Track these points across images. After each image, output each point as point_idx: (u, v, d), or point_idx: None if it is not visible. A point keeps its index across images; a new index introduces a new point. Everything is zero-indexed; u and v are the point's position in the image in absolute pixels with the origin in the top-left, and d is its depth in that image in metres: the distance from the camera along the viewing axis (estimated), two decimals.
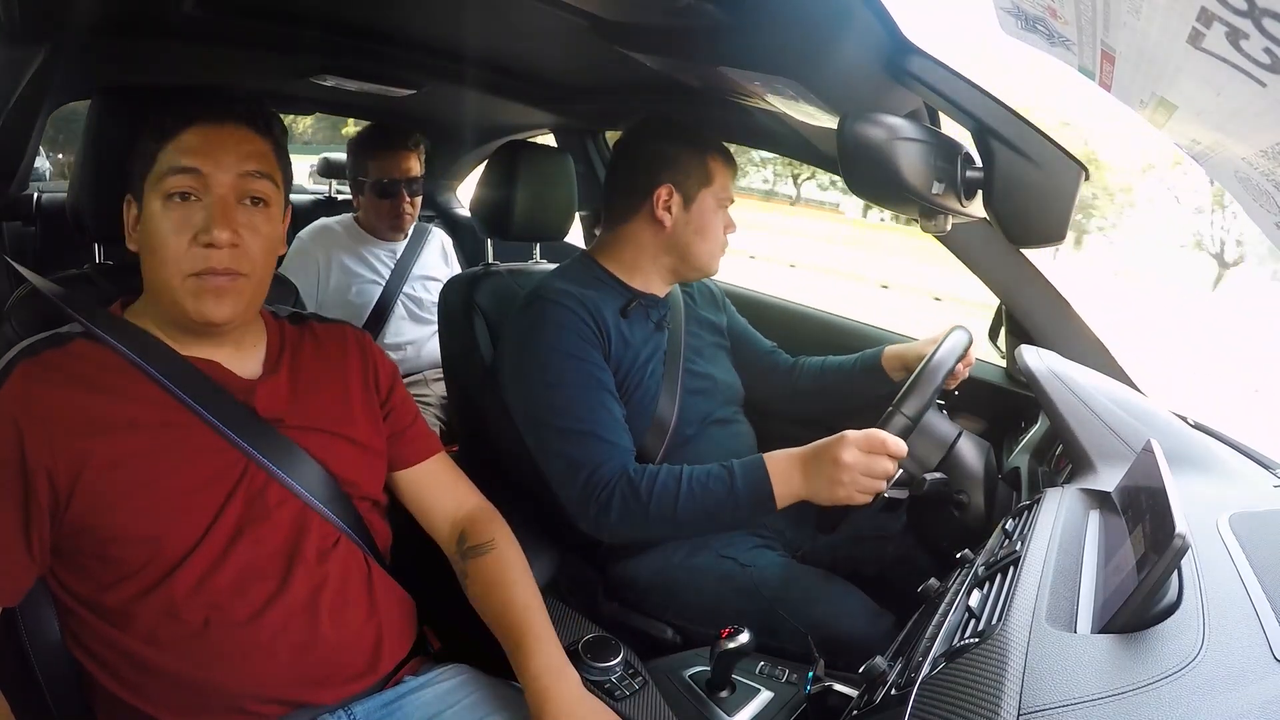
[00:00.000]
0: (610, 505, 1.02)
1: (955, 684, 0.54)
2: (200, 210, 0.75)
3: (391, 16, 1.27)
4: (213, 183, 0.75)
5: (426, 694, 0.82)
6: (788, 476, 1.00)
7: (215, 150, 0.75)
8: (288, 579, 0.77)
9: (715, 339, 1.35)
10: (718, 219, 1.19)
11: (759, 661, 0.96)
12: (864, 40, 0.89)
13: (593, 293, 1.14)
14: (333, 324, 0.95)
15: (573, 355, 1.09)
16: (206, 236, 0.74)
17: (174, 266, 0.75)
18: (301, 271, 1.82)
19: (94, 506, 0.71)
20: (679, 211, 1.17)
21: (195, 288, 0.75)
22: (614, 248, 1.23)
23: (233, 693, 0.74)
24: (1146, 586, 0.53)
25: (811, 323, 1.84)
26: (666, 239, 1.19)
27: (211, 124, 0.76)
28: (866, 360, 1.34)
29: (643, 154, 1.20)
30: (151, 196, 0.75)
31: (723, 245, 1.22)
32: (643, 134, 1.22)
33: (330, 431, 0.85)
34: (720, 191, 1.19)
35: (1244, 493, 0.88)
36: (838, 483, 0.96)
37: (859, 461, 0.95)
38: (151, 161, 0.76)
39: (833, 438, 0.97)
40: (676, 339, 1.25)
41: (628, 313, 1.17)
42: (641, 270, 1.22)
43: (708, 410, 1.24)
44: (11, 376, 0.73)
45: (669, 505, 1.01)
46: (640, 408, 1.14)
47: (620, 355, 1.15)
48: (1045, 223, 0.90)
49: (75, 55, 1.22)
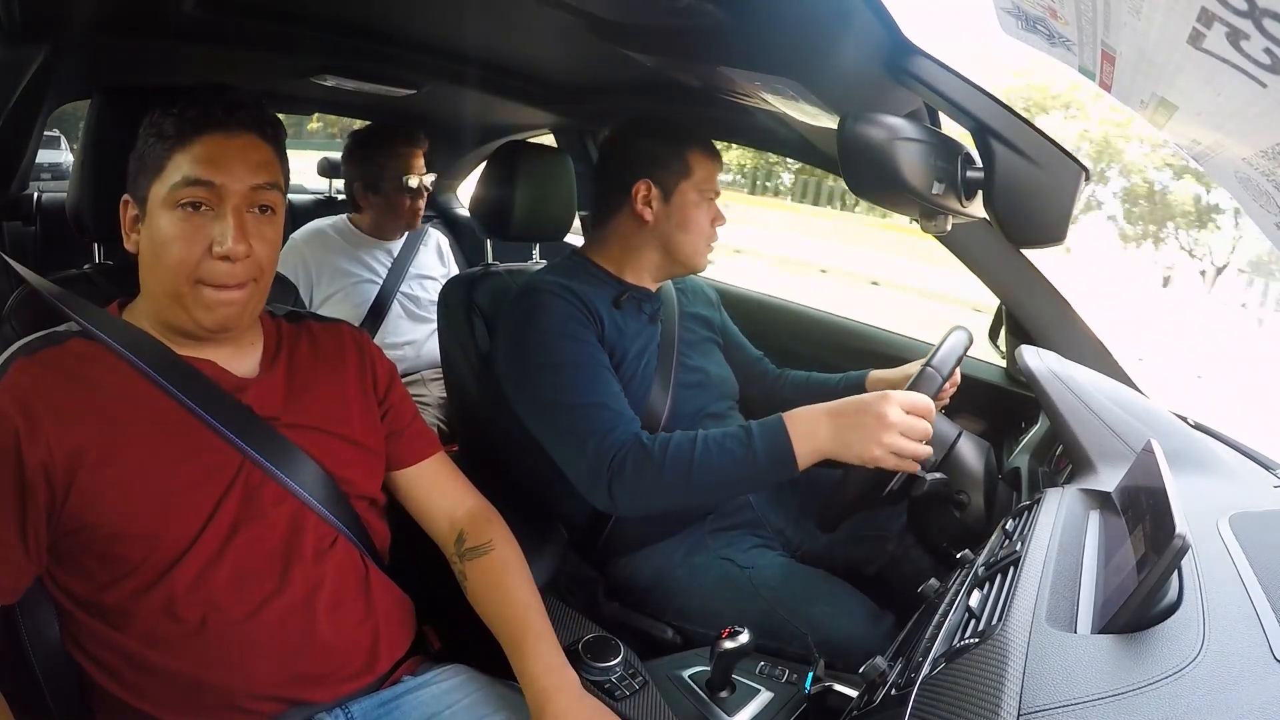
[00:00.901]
0: (623, 471, 0.98)
1: (955, 684, 0.55)
2: (212, 221, 0.75)
3: (391, 16, 1.27)
4: (226, 194, 0.75)
5: (424, 694, 0.82)
6: (811, 432, 0.95)
7: (228, 161, 0.75)
8: (284, 578, 0.77)
9: (708, 334, 1.35)
10: (700, 212, 1.19)
11: (759, 661, 0.96)
12: (864, 40, 0.89)
13: (585, 286, 1.15)
14: (330, 323, 0.95)
15: (568, 336, 1.09)
16: (222, 249, 0.74)
17: (183, 274, 0.75)
18: (294, 274, 1.82)
19: (90, 503, 0.72)
20: (659, 205, 1.18)
21: (205, 298, 0.76)
22: (603, 244, 1.24)
23: (230, 691, 0.74)
24: (1146, 586, 0.53)
25: (807, 322, 1.85)
26: (649, 233, 1.20)
27: (222, 133, 0.76)
28: (851, 381, 1.34)
29: (623, 151, 1.22)
30: (160, 204, 0.75)
31: (708, 238, 1.22)
32: (623, 133, 1.23)
33: (327, 430, 0.85)
34: (702, 184, 1.19)
35: (1244, 493, 0.88)
36: (875, 441, 0.91)
37: (902, 421, 0.91)
38: (159, 168, 0.75)
39: (874, 394, 0.94)
40: (670, 332, 1.25)
41: (620, 304, 1.18)
42: (631, 265, 1.23)
43: (702, 404, 1.24)
44: (8, 374, 0.73)
45: (683, 468, 0.97)
46: (633, 400, 1.14)
47: (614, 342, 1.15)
48: (1045, 223, 0.90)
49: (75, 55, 1.22)
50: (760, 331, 1.48)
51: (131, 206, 0.79)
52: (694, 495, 1.03)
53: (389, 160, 1.86)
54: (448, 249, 2.14)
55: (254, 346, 0.86)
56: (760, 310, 1.89)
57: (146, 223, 0.77)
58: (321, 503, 0.82)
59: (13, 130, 1.33)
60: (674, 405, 1.20)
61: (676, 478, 0.97)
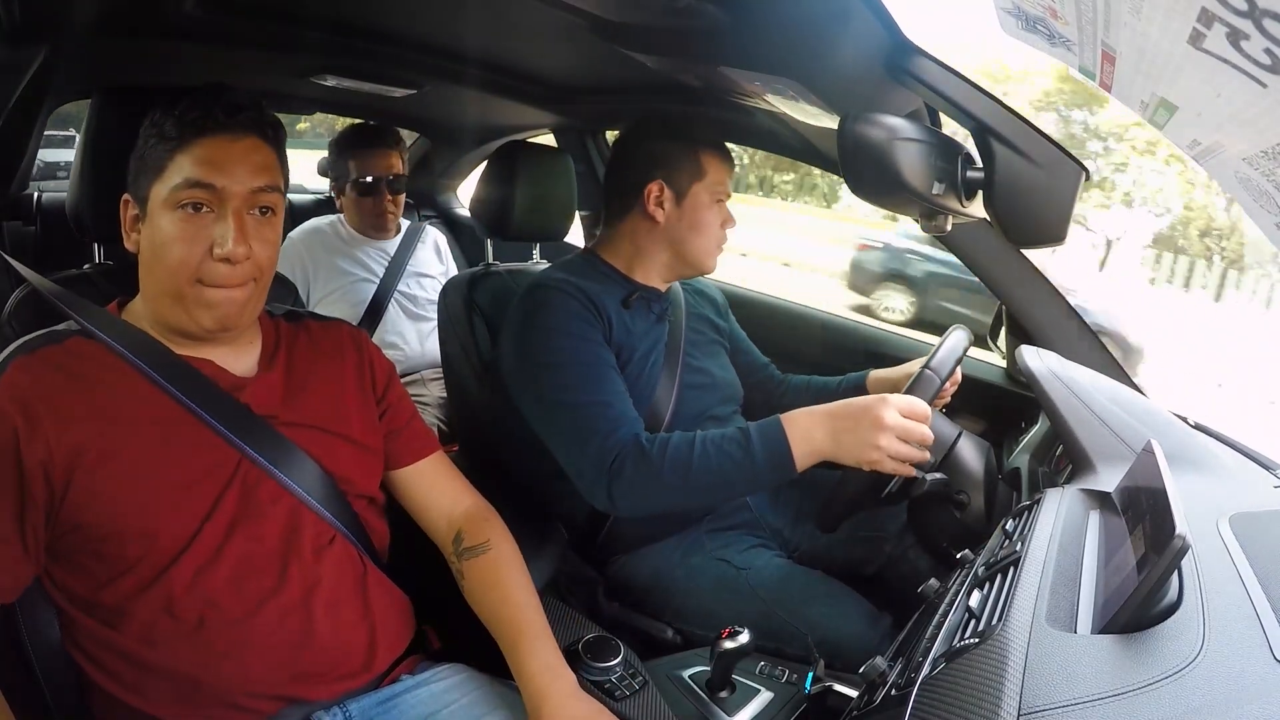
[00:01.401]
0: (623, 472, 0.99)
1: (955, 684, 0.55)
2: (214, 222, 0.75)
3: (392, 16, 1.27)
4: (227, 196, 0.75)
5: (422, 693, 0.82)
6: (808, 434, 0.96)
7: (229, 164, 0.75)
8: (282, 576, 0.77)
9: (715, 336, 1.35)
10: (712, 213, 1.20)
11: (759, 661, 0.96)
12: (864, 40, 0.89)
13: (594, 285, 1.15)
14: (329, 322, 0.95)
15: (574, 334, 1.09)
16: (222, 251, 0.75)
17: (183, 274, 0.75)
18: (291, 272, 1.82)
19: (89, 501, 0.72)
20: (671, 207, 1.18)
21: (205, 297, 0.76)
22: (614, 243, 1.24)
23: (228, 690, 0.74)
24: (1146, 586, 0.53)
25: (811, 323, 1.85)
26: (661, 234, 1.20)
27: (223, 136, 0.76)
28: (851, 383, 1.34)
29: (636, 151, 1.21)
30: (160, 205, 0.76)
31: (719, 240, 1.22)
32: (636, 132, 1.23)
33: (325, 429, 0.85)
34: (714, 186, 1.19)
35: (1244, 493, 0.88)
36: (870, 444, 0.91)
37: (898, 424, 0.92)
38: (161, 169, 0.76)
39: (871, 397, 0.94)
40: (677, 332, 1.25)
41: (629, 304, 1.18)
42: (641, 265, 1.23)
43: (705, 406, 1.24)
44: (7, 372, 0.73)
45: (682, 469, 0.97)
46: (638, 400, 1.14)
47: (622, 342, 1.15)
48: (1045, 223, 0.90)
49: (75, 55, 1.22)
50: (762, 333, 1.48)
51: (132, 206, 0.79)
52: (693, 496, 1.03)
53: (350, 160, 1.90)
54: (445, 247, 2.14)
55: (252, 345, 0.86)
56: (763, 311, 1.89)
57: (147, 223, 0.77)
58: (319, 501, 0.82)
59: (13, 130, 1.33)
60: (678, 405, 1.19)
61: (675, 479, 0.97)
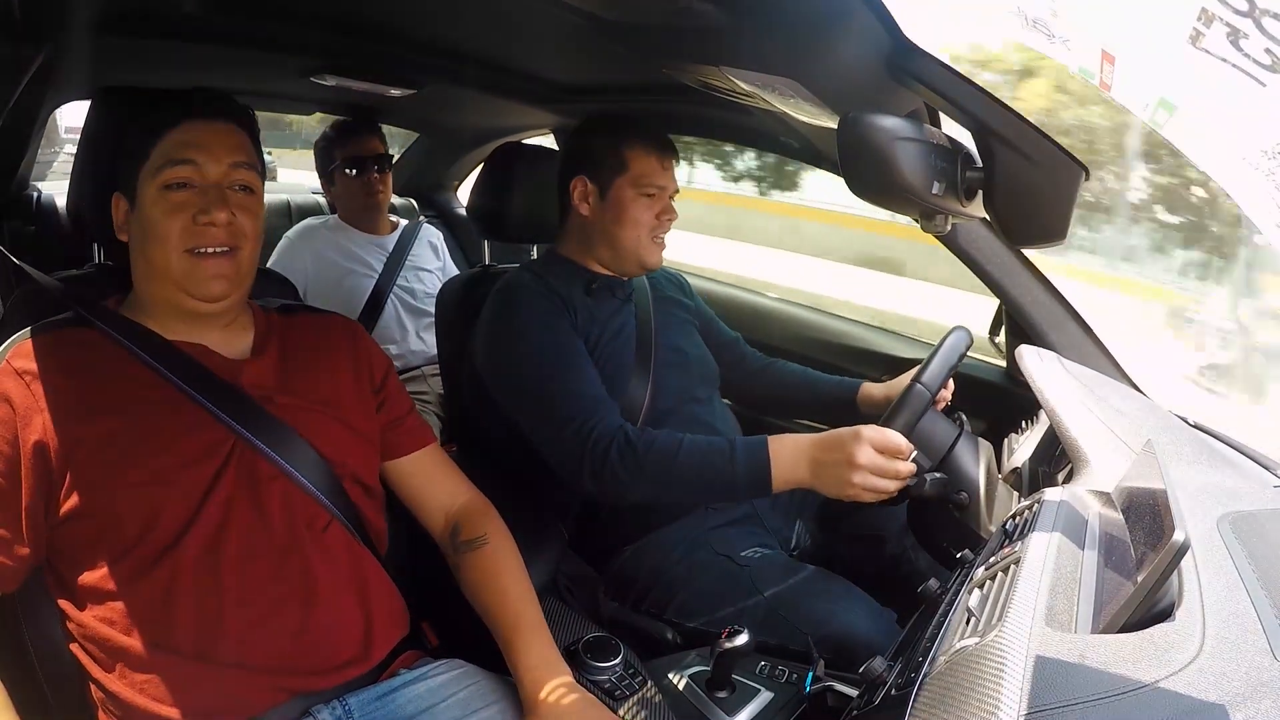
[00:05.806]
0: (606, 459, 1.02)
1: (955, 684, 0.54)
2: (197, 195, 0.80)
3: (392, 16, 1.27)
4: (207, 171, 0.81)
5: (420, 687, 0.82)
6: (793, 464, 0.98)
7: (208, 143, 0.81)
8: (280, 563, 0.79)
9: (685, 316, 1.37)
10: (639, 207, 1.20)
11: (759, 661, 0.96)
12: (864, 40, 0.88)
13: (555, 279, 1.18)
14: (323, 315, 0.97)
15: (544, 326, 1.12)
16: (205, 217, 0.79)
17: (173, 243, 0.79)
18: (290, 270, 1.82)
19: (88, 486, 0.73)
20: (595, 201, 1.21)
21: (192, 266, 0.80)
22: (565, 239, 1.28)
23: (228, 679, 0.75)
24: (1146, 586, 0.53)
25: (803, 323, 1.85)
26: (593, 228, 1.23)
27: (201, 120, 0.82)
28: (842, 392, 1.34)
29: (566, 149, 1.27)
30: (148, 187, 0.80)
31: (651, 233, 1.22)
32: (572, 130, 1.28)
33: (319, 411, 0.87)
34: (640, 180, 1.20)
35: (1244, 492, 0.88)
36: (845, 481, 0.95)
37: (872, 462, 0.94)
38: (145, 156, 0.81)
39: (847, 432, 0.96)
40: (646, 314, 1.28)
41: (592, 291, 1.21)
42: (591, 257, 1.25)
43: (684, 386, 1.25)
44: (6, 360, 0.76)
45: (665, 464, 1.00)
46: (614, 383, 1.15)
47: (589, 330, 1.17)
48: (1045, 223, 0.89)
49: (77, 55, 1.22)
50: (756, 333, 1.48)
51: (122, 202, 0.83)
52: (672, 492, 1.07)
53: (337, 149, 1.93)
54: (442, 244, 2.15)
55: (245, 331, 0.89)
56: (755, 312, 1.89)
57: (137, 211, 0.81)
58: (314, 483, 0.83)
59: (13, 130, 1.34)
60: (655, 385, 1.21)
61: (657, 472, 1.01)
